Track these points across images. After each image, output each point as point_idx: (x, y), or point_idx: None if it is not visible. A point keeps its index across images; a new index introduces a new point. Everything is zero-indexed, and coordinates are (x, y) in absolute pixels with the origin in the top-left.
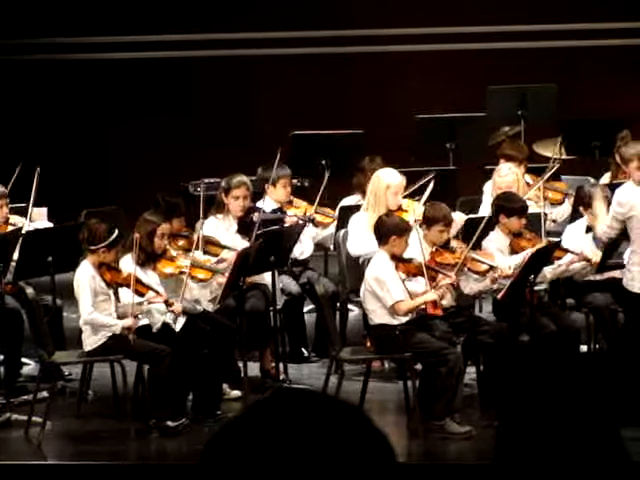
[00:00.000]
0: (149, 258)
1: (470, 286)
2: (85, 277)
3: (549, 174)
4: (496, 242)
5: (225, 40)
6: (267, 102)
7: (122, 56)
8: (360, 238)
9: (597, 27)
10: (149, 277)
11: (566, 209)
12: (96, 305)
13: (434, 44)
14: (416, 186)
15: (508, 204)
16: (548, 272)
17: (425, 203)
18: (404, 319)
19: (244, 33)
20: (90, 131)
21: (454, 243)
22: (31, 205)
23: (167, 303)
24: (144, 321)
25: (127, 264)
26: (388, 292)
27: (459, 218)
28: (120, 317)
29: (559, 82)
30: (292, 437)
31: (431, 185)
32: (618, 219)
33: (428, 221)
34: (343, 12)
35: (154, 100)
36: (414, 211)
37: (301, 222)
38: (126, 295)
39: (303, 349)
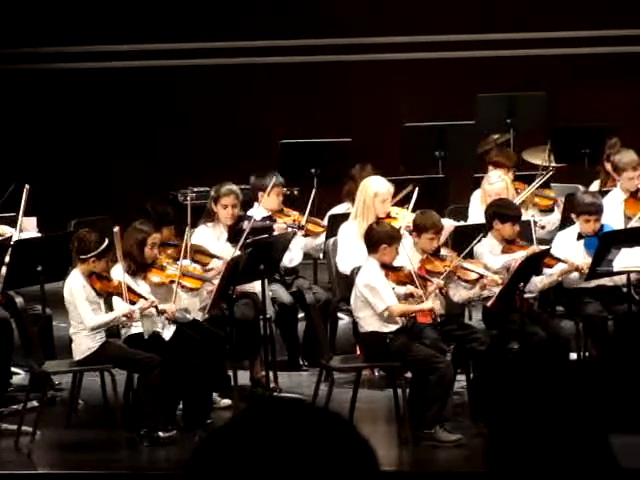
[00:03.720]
0: (140, 268)
1: (459, 293)
2: (78, 286)
3: (539, 181)
4: (488, 247)
5: (214, 49)
6: (256, 111)
7: (109, 65)
8: (348, 254)
9: (586, 35)
10: (140, 287)
11: (556, 217)
12: None
13: (423, 52)
14: (400, 196)
15: (503, 210)
16: (539, 282)
17: (413, 210)
18: (394, 327)
19: (233, 42)
20: (79, 140)
21: (444, 251)
22: (20, 216)
23: (158, 309)
24: (135, 330)
25: (118, 273)
26: (380, 297)
27: (448, 225)
28: (110, 328)
29: (548, 90)
30: (275, 445)
31: (416, 192)
32: None
33: (418, 229)
34: (332, 20)
35: (143, 109)
36: (403, 219)
37: (291, 230)
38: (119, 304)
39: (300, 358)
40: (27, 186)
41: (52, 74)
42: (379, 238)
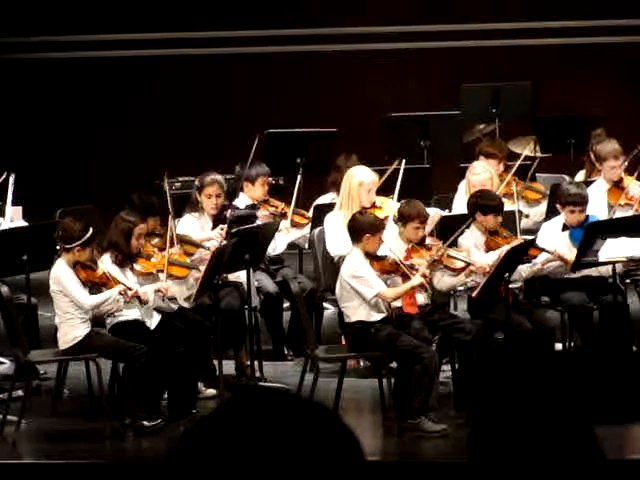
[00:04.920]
0: (126, 258)
1: (443, 280)
2: (65, 273)
3: (514, 169)
4: (472, 239)
5: (196, 39)
6: (240, 101)
7: (96, 55)
8: (339, 238)
9: (572, 25)
10: (128, 278)
11: (542, 207)
12: (72, 303)
13: (409, 42)
14: (387, 173)
15: (485, 201)
16: (523, 271)
17: (399, 200)
18: (380, 316)
19: (215, 32)
20: (65, 129)
21: (430, 240)
22: (9, 205)
23: (139, 299)
24: (120, 318)
25: (105, 264)
26: (368, 284)
27: (434, 214)
28: (96, 317)
29: (533, 80)
30: (259, 436)
31: (399, 180)
32: None
33: (404, 218)
34: (316, 10)
35: (130, 98)
36: (388, 208)
37: (275, 218)
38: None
39: (285, 348)
40: (13, 175)
41: (38, 63)
42: (362, 228)
